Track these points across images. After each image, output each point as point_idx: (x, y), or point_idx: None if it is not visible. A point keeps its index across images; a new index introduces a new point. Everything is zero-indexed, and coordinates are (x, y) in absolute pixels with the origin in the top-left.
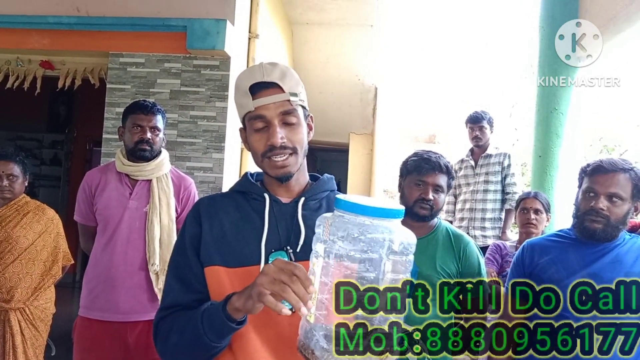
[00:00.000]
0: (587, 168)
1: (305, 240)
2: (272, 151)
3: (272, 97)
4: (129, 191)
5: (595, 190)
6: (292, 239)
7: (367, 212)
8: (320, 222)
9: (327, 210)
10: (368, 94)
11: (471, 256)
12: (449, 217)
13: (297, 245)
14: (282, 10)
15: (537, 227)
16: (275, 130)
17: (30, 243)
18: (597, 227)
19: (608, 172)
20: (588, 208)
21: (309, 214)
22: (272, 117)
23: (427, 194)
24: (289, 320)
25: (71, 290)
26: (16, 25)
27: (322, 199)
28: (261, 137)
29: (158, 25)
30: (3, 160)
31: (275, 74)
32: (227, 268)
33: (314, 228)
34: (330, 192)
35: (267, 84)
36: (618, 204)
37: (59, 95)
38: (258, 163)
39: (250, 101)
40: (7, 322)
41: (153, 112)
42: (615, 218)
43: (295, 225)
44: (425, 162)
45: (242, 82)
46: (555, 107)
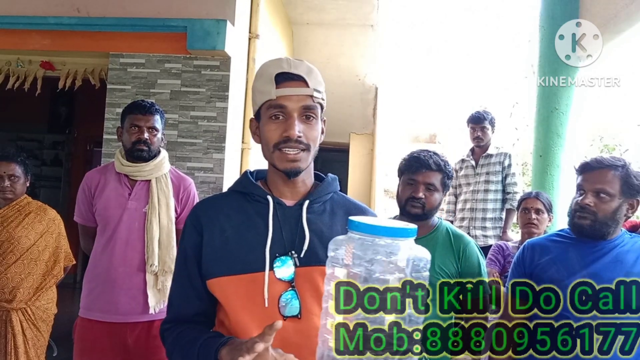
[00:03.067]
0: (577, 167)
1: (310, 245)
2: (286, 143)
3: (297, 89)
4: (128, 192)
5: (583, 187)
6: (296, 243)
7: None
8: (337, 246)
9: (331, 214)
10: (368, 94)
11: (471, 256)
12: (449, 217)
13: (301, 250)
14: (283, 10)
15: (538, 227)
16: (293, 122)
17: (32, 243)
18: (585, 223)
19: (594, 169)
20: (577, 205)
21: (314, 218)
22: (293, 109)
23: (417, 192)
24: (294, 326)
25: (72, 291)
26: (17, 26)
27: (326, 201)
28: (277, 127)
29: (158, 26)
30: (5, 161)
31: (302, 67)
32: (231, 276)
33: (318, 232)
34: (334, 193)
35: (293, 76)
36: (605, 200)
37: (60, 96)
38: (267, 154)
39: (274, 89)
40: (8, 322)
41: (151, 112)
42: (603, 214)
43: (300, 230)
44: (416, 160)
45: (267, 70)
46: (555, 106)
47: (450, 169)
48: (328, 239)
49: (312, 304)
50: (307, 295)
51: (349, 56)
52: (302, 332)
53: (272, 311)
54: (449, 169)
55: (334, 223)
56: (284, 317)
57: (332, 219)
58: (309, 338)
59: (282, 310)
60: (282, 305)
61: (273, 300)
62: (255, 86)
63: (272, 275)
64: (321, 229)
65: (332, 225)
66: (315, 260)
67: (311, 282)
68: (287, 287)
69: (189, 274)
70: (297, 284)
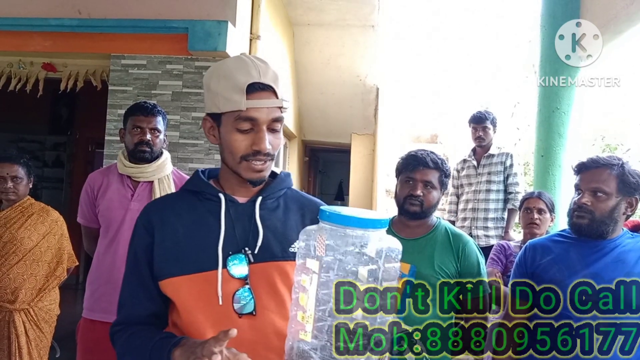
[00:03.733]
0: (575, 167)
1: (264, 241)
2: (255, 156)
3: (267, 101)
4: (131, 193)
5: (580, 186)
6: (250, 240)
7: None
8: (308, 237)
9: (285, 210)
10: (369, 94)
11: (470, 256)
12: (451, 217)
13: (255, 247)
14: (283, 11)
15: (540, 227)
16: (264, 136)
17: (35, 244)
18: (583, 223)
19: (590, 168)
20: (574, 204)
21: (267, 214)
22: (263, 122)
23: (415, 190)
24: (249, 323)
25: (75, 292)
26: (18, 28)
27: (280, 197)
28: (245, 139)
29: (159, 27)
30: (7, 163)
31: (269, 75)
32: (184, 276)
33: (272, 228)
34: (288, 189)
35: (264, 86)
36: (602, 198)
37: (61, 97)
38: (231, 162)
39: (244, 100)
40: (11, 323)
41: (153, 113)
42: (600, 213)
43: (253, 226)
44: (413, 158)
45: (233, 75)
46: (557, 106)
47: (447, 167)
48: (282, 234)
49: (267, 300)
50: (262, 291)
51: (350, 57)
52: (257, 328)
53: (226, 309)
54: (446, 167)
55: (288, 218)
56: (239, 315)
57: (286, 214)
58: (264, 334)
59: (237, 307)
60: (236, 303)
61: (227, 298)
62: (216, 88)
63: (226, 273)
64: (275, 224)
65: (285, 220)
66: (270, 256)
67: (266, 278)
68: (241, 285)
69: (140, 275)
70: (251, 280)
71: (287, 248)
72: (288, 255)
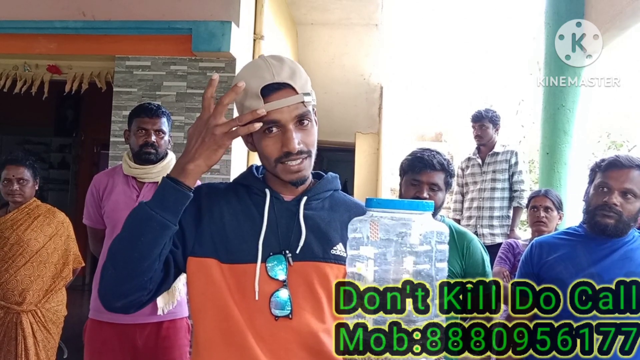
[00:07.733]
0: (602, 163)
1: (306, 241)
2: (287, 157)
3: (286, 99)
4: (136, 194)
5: (609, 185)
6: (292, 240)
7: (406, 206)
8: (360, 225)
9: (330, 211)
10: (373, 93)
11: (475, 254)
12: (456, 215)
13: (297, 247)
14: (287, 10)
15: (547, 225)
16: (291, 136)
17: (41, 246)
18: (609, 223)
19: (624, 167)
20: (600, 203)
21: (311, 214)
22: (287, 121)
23: (422, 192)
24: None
25: (81, 293)
26: (23, 31)
27: (326, 198)
28: (274, 142)
29: (163, 28)
30: (14, 165)
31: (284, 72)
32: (222, 263)
33: (314, 228)
34: (334, 191)
35: (279, 85)
36: (631, 200)
37: (66, 99)
38: (269, 166)
39: (262, 104)
40: (19, 325)
41: (158, 114)
42: (628, 214)
43: (296, 226)
44: (419, 160)
45: (249, 83)
46: (562, 103)
47: (452, 168)
48: (325, 235)
49: (303, 301)
50: (299, 291)
51: (354, 56)
52: (293, 328)
53: (262, 306)
54: (451, 167)
55: (333, 219)
56: (275, 317)
57: (331, 215)
58: (299, 334)
59: (273, 309)
60: (272, 305)
61: (264, 296)
62: (238, 100)
63: (264, 269)
64: (318, 224)
65: (330, 221)
66: (311, 256)
67: (304, 278)
68: (279, 286)
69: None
70: (289, 281)
71: (328, 250)
72: (329, 257)
